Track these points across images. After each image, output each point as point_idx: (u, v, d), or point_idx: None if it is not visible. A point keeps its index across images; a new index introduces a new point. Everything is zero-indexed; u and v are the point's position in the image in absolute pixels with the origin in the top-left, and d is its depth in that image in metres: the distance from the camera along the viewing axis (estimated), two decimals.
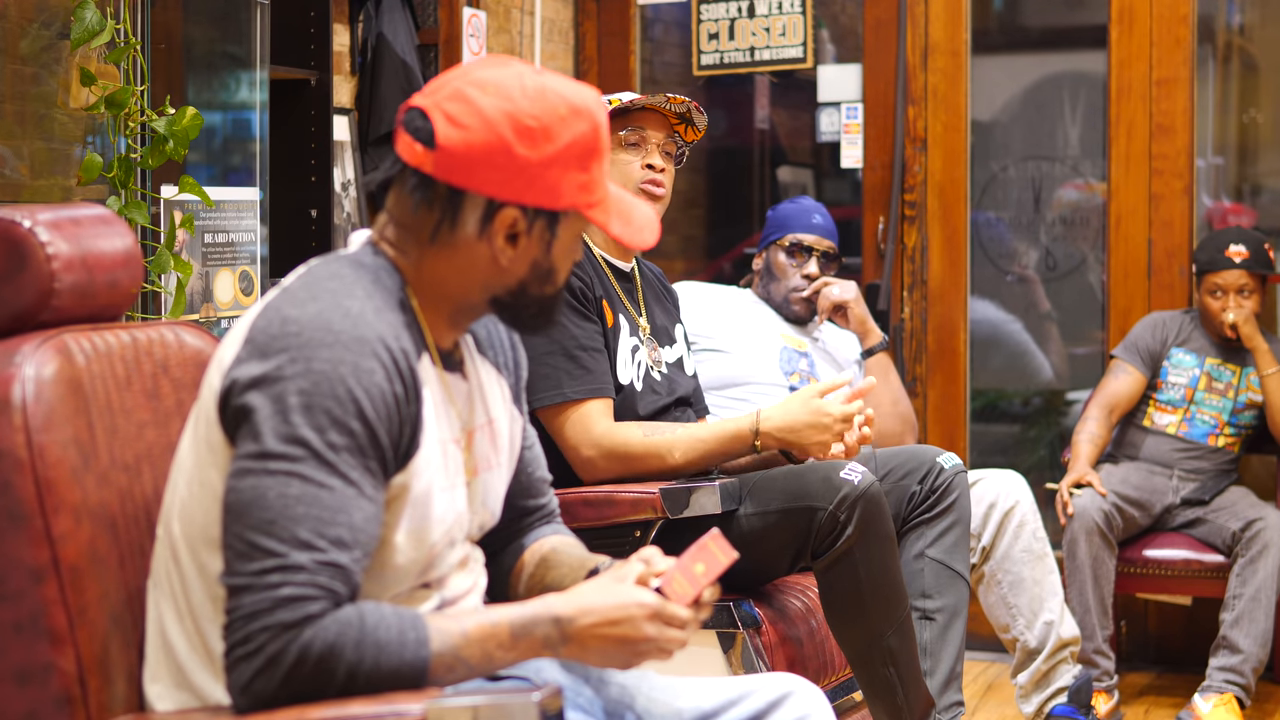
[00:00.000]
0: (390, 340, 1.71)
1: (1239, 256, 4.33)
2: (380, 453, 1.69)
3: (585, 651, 1.73)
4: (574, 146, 1.78)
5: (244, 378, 1.68)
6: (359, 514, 1.66)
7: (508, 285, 1.82)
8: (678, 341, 3.16)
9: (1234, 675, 4.13)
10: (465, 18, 4.59)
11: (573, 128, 1.77)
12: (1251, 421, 4.42)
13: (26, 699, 1.72)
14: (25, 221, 1.83)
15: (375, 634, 1.62)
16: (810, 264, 3.97)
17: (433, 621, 1.68)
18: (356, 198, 4.33)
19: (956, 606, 3.04)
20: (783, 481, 2.81)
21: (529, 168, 1.76)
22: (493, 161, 1.75)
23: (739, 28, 4.99)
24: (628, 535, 2.81)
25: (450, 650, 1.67)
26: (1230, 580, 4.20)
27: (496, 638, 1.69)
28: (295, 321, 1.69)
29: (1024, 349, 5.40)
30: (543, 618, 1.72)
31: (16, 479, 1.72)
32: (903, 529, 3.05)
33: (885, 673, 2.79)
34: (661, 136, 3.05)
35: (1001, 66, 5.52)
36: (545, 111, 1.76)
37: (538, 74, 1.80)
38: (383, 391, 1.68)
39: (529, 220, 1.78)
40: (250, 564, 1.62)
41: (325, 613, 1.61)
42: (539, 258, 1.81)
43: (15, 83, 3.05)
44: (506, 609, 1.72)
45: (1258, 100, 5.41)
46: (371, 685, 1.62)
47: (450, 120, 1.76)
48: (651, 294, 3.16)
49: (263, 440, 1.64)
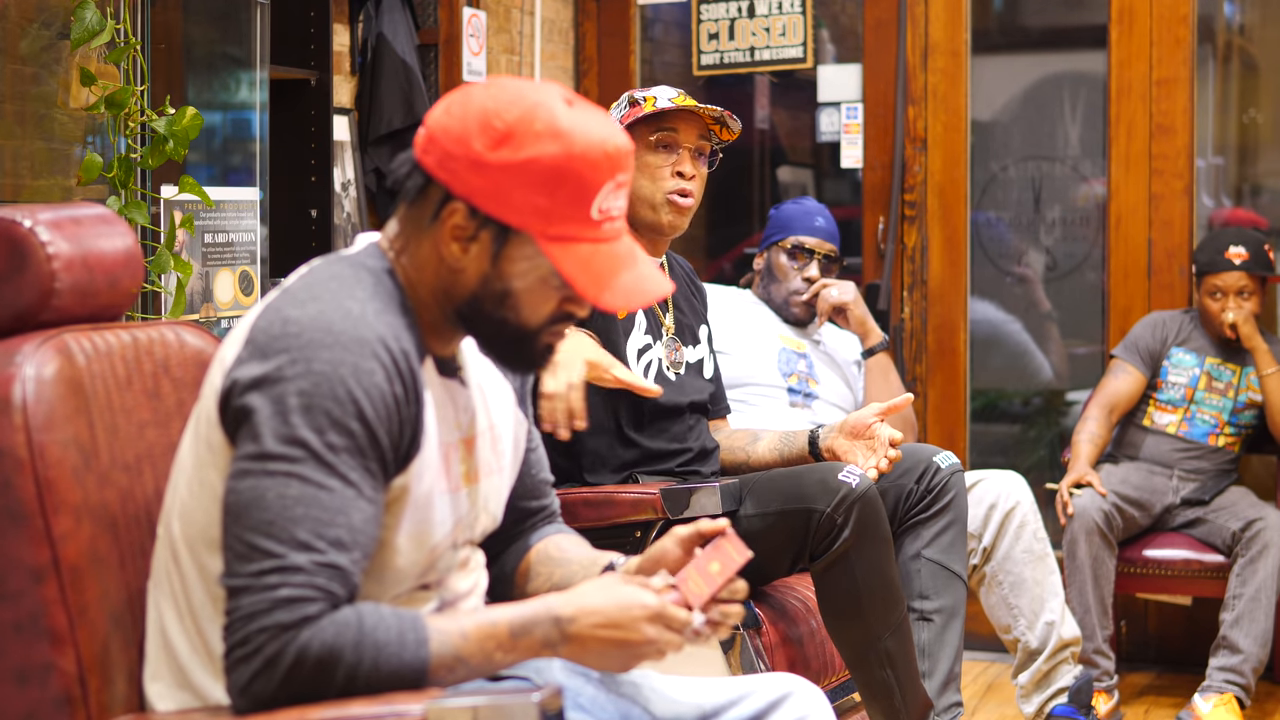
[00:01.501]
0: (390, 341, 1.70)
1: (1238, 258, 4.33)
2: (380, 454, 1.68)
3: (585, 652, 1.72)
4: (535, 164, 1.71)
5: (244, 378, 1.67)
6: (358, 515, 1.65)
7: (461, 295, 1.78)
8: (701, 342, 3.15)
9: (1234, 675, 4.13)
10: (465, 18, 4.59)
11: (540, 146, 1.71)
12: (1252, 421, 4.42)
13: (26, 699, 1.72)
14: (25, 221, 1.83)
15: (374, 635, 1.62)
16: (811, 267, 3.96)
17: (432, 622, 1.67)
18: (356, 198, 4.33)
19: (954, 607, 3.03)
20: (781, 483, 2.81)
21: (483, 166, 1.72)
22: (451, 150, 1.74)
23: (739, 28, 4.99)
24: (628, 536, 2.81)
25: (450, 651, 1.67)
26: (1230, 580, 4.20)
27: (496, 638, 1.69)
28: (295, 322, 1.68)
29: (1024, 349, 5.40)
30: (542, 618, 1.71)
31: (17, 479, 1.72)
32: (899, 529, 3.05)
33: (883, 674, 2.78)
34: (694, 138, 3.01)
35: (1001, 66, 5.52)
36: (518, 120, 1.72)
37: (567, 103, 1.75)
38: (383, 393, 1.68)
39: (475, 223, 1.74)
40: (249, 565, 1.62)
41: (323, 614, 1.61)
42: (489, 272, 1.76)
43: (15, 83, 3.05)
44: (506, 609, 1.72)
45: (1258, 100, 5.41)
46: (370, 686, 1.62)
47: (447, 107, 1.77)
48: (679, 291, 3.15)
49: (262, 441, 1.64)
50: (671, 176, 2.98)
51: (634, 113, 2.99)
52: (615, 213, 1.77)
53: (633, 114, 2.99)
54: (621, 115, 3.01)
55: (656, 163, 2.98)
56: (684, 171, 2.99)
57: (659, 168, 2.98)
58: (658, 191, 2.98)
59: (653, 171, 2.98)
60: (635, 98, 3.01)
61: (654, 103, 2.98)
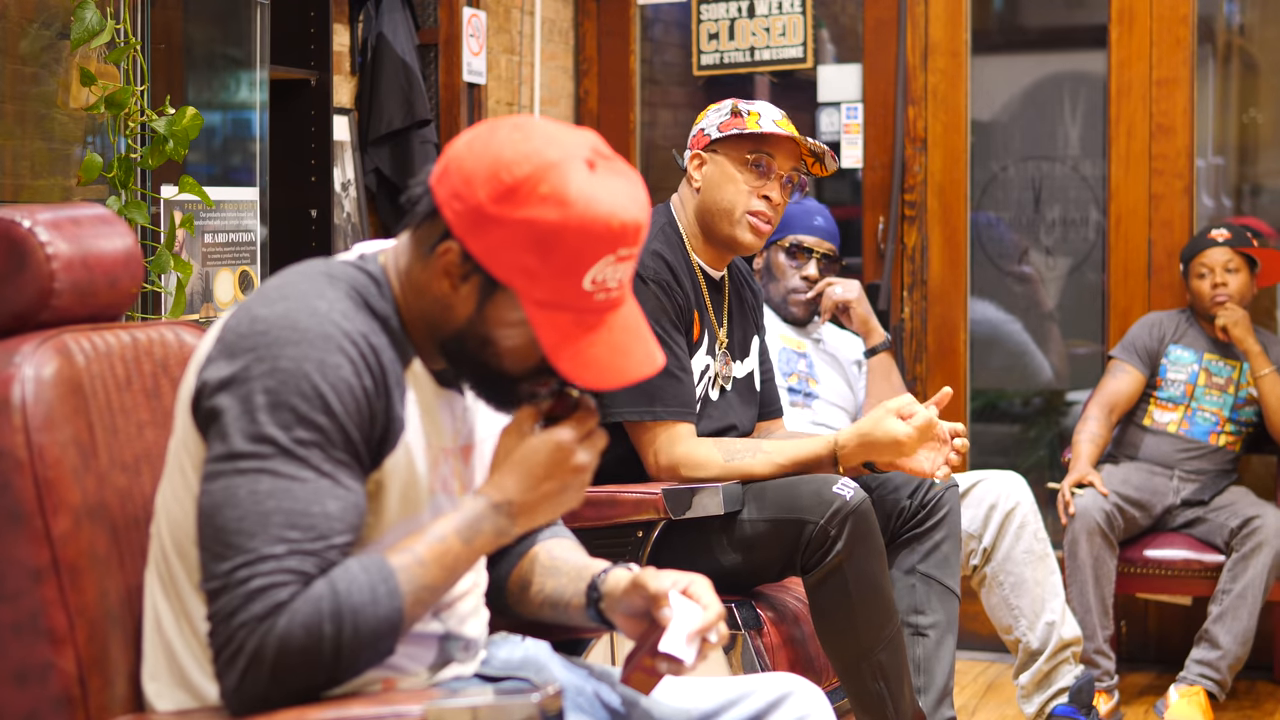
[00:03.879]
0: (357, 337, 1.70)
1: (1221, 237, 4.40)
2: (352, 447, 1.68)
3: (536, 515, 1.76)
4: (531, 226, 1.67)
5: (213, 379, 1.68)
6: (334, 503, 1.65)
7: (447, 330, 1.77)
8: (750, 355, 3.13)
9: (1209, 670, 4.15)
10: (465, 18, 4.59)
11: (539, 209, 1.67)
12: (1252, 418, 4.43)
13: (26, 699, 1.72)
14: (25, 221, 1.83)
15: (349, 600, 1.62)
16: (810, 266, 3.96)
17: (395, 562, 1.68)
18: (356, 198, 4.33)
19: (948, 622, 3.03)
20: (777, 492, 2.81)
21: (482, 215, 1.70)
22: (458, 190, 1.72)
23: (739, 28, 4.99)
24: (630, 535, 2.81)
25: (417, 584, 1.68)
26: (1222, 574, 4.21)
27: (451, 550, 1.71)
28: (263, 320, 1.68)
29: (1024, 349, 5.40)
30: (483, 512, 1.74)
31: (16, 479, 1.72)
32: (893, 544, 3.04)
33: (875, 687, 2.78)
34: (789, 167, 2.98)
35: (1001, 66, 5.52)
36: (526, 178, 1.69)
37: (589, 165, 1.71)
38: (350, 386, 1.67)
39: (464, 266, 1.73)
40: (223, 564, 1.61)
41: (295, 596, 1.60)
42: (473, 316, 1.75)
43: (15, 83, 3.05)
44: (446, 520, 1.73)
45: (1258, 100, 5.40)
46: (356, 647, 1.62)
47: (470, 141, 1.75)
48: (737, 303, 3.12)
49: (231, 441, 1.64)
50: (757, 198, 2.95)
51: (735, 124, 2.96)
52: (613, 284, 1.72)
53: (733, 125, 2.96)
54: (721, 123, 2.98)
55: (745, 180, 2.95)
56: (771, 196, 2.96)
57: (747, 187, 2.95)
58: (738, 208, 2.95)
59: (738, 186, 2.95)
60: (740, 109, 2.97)
61: (757, 120, 2.94)
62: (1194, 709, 4.08)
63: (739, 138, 2.97)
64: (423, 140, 4.35)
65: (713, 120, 3.00)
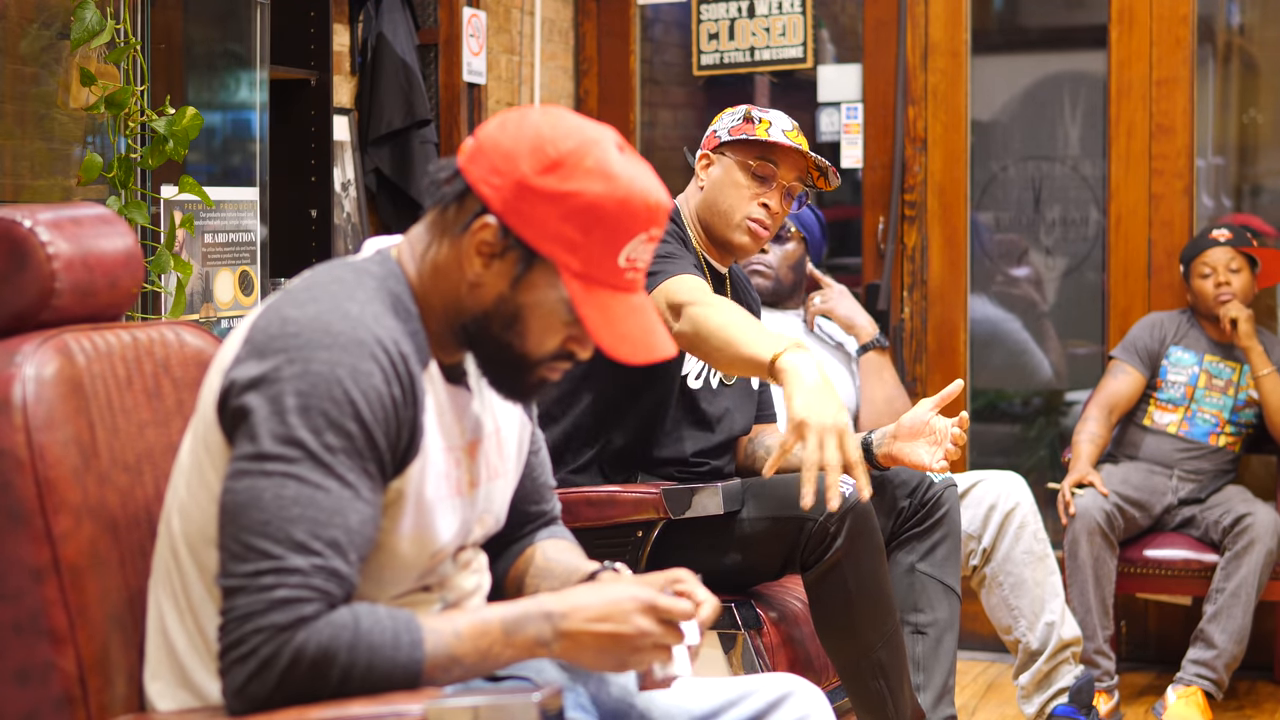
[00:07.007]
0: (389, 344, 1.70)
1: (1223, 236, 4.40)
2: (378, 455, 1.68)
3: (579, 649, 1.71)
4: (577, 198, 1.71)
5: (242, 378, 1.67)
6: (355, 516, 1.65)
7: (472, 310, 1.78)
8: None
9: (1205, 670, 4.15)
10: (465, 18, 4.59)
11: (586, 182, 1.72)
12: (1252, 419, 4.43)
13: (26, 699, 1.72)
14: (25, 221, 1.83)
15: (369, 637, 1.62)
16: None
17: (426, 622, 1.67)
18: (356, 198, 4.33)
19: (949, 620, 3.03)
20: (777, 489, 2.81)
21: (525, 188, 1.72)
22: (498, 166, 1.74)
23: (739, 28, 4.99)
24: (630, 535, 2.81)
25: (444, 650, 1.66)
26: (1216, 573, 4.21)
27: (490, 636, 1.69)
28: (294, 322, 1.68)
29: (1024, 349, 5.39)
30: (535, 614, 1.70)
31: (17, 479, 1.72)
32: (892, 543, 3.04)
33: (875, 685, 2.78)
34: (792, 178, 3.00)
35: (1001, 66, 5.52)
36: (571, 151, 1.73)
37: (619, 148, 1.75)
38: (380, 394, 1.68)
39: (504, 243, 1.74)
40: (245, 565, 1.61)
41: (319, 615, 1.61)
42: (505, 293, 1.76)
43: (15, 83, 3.05)
44: (499, 607, 1.72)
45: (1258, 100, 5.40)
46: (366, 687, 1.62)
47: (501, 123, 1.77)
48: (738, 302, 3.12)
49: (259, 441, 1.64)
50: (758, 205, 2.97)
51: (745, 130, 2.97)
52: (640, 264, 1.77)
53: (743, 130, 2.97)
54: (733, 127, 3.00)
55: (748, 186, 2.97)
56: (770, 205, 2.98)
57: (749, 192, 2.97)
58: (738, 213, 2.97)
59: (741, 191, 2.97)
60: (753, 115, 3.00)
61: (767, 129, 2.96)
62: (1192, 709, 4.08)
63: (747, 143, 2.98)
64: (423, 140, 4.35)
65: (726, 123, 3.03)
